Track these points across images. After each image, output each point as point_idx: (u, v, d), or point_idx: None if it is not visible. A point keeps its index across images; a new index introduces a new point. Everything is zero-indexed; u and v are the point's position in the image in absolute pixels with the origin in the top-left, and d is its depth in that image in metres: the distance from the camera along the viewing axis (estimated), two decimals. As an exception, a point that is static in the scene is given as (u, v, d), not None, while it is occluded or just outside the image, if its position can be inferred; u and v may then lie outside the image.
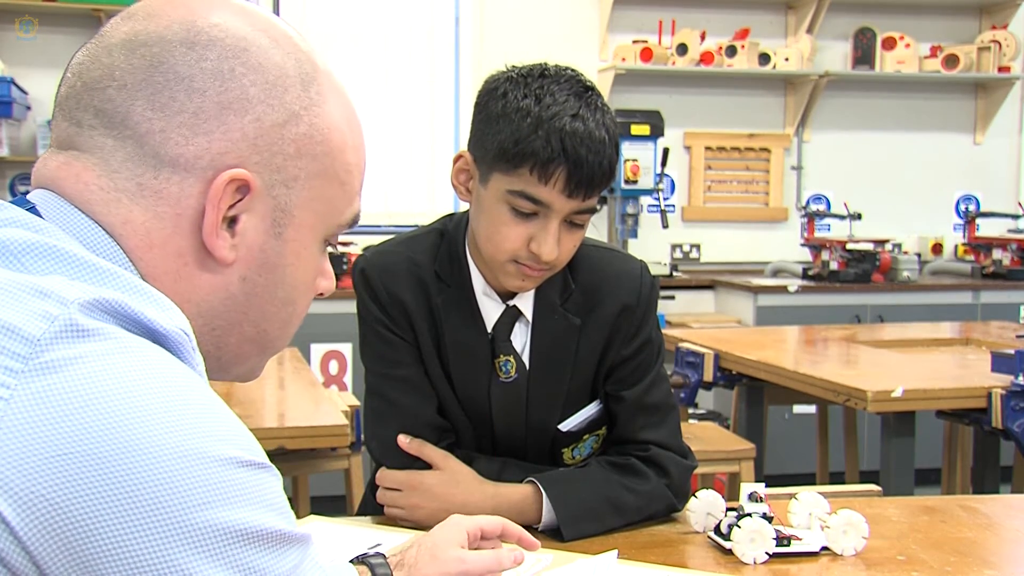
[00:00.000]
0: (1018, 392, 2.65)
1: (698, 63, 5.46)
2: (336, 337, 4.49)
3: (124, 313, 0.71)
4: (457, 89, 5.41)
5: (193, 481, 0.67)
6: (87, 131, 0.81)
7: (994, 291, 5.20)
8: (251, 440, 0.73)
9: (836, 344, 3.65)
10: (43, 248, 0.74)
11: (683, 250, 5.69)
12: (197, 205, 0.81)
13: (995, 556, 1.50)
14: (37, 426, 0.65)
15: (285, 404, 2.85)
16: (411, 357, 1.58)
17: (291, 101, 0.84)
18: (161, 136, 0.80)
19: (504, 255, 1.47)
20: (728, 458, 3.19)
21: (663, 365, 1.65)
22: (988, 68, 5.74)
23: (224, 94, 0.81)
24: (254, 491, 0.71)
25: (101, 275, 0.74)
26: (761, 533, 1.41)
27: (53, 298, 0.69)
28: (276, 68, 0.84)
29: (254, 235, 0.84)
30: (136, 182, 0.80)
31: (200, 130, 0.81)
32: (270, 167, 0.83)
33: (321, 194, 0.87)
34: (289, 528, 0.73)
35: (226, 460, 0.70)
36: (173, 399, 0.69)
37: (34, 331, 0.67)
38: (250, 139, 0.82)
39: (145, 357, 0.70)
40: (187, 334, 0.75)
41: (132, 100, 0.80)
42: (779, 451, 4.51)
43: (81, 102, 0.82)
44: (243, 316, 0.86)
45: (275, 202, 0.84)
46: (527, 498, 1.53)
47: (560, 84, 1.45)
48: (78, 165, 0.81)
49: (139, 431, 0.66)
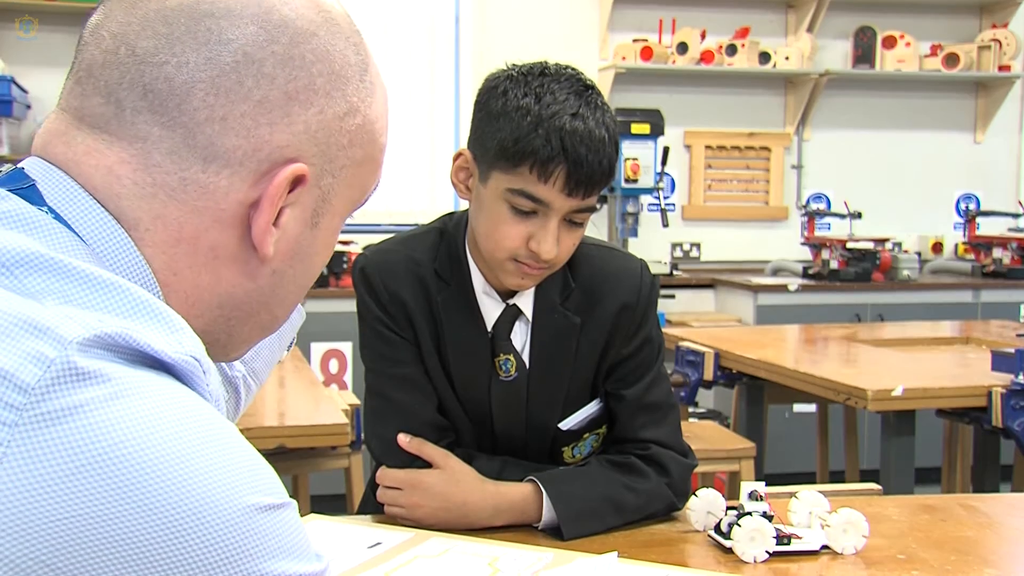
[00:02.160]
0: (1018, 391, 2.65)
1: (698, 62, 5.45)
2: (336, 336, 4.49)
3: (127, 346, 0.64)
4: (457, 88, 5.41)
5: (213, 538, 0.62)
6: (129, 115, 0.72)
7: (994, 290, 5.20)
8: (267, 474, 0.67)
9: (836, 343, 3.66)
10: (39, 261, 0.66)
11: (683, 249, 5.69)
12: (244, 200, 0.74)
13: (995, 555, 1.50)
14: (36, 486, 0.58)
15: (285, 403, 2.85)
16: (411, 356, 1.58)
17: (351, 92, 0.78)
18: (221, 125, 0.72)
19: (504, 253, 1.47)
20: (728, 457, 3.19)
21: (663, 364, 1.65)
22: (988, 67, 5.74)
23: (292, 83, 0.74)
24: (276, 538, 0.65)
25: (102, 292, 0.67)
26: (761, 532, 1.41)
27: (49, 336, 0.61)
28: (341, 56, 0.78)
29: (294, 227, 0.78)
30: (180, 176, 0.73)
31: (263, 120, 0.73)
32: (324, 158, 0.77)
33: (358, 180, 0.82)
34: (309, 569, 0.68)
35: (246, 509, 0.64)
36: (183, 448, 0.62)
37: (28, 378, 0.60)
38: (311, 132, 0.76)
39: (152, 401, 0.63)
40: (196, 359, 0.68)
41: (193, 81, 0.72)
42: (779, 450, 4.51)
43: (127, 76, 0.72)
44: (262, 307, 0.81)
45: (320, 192, 0.79)
46: (527, 497, 1.52)
47: (560, 83, 1.45)
48: (110, 155, 0.73)
49: (150, 488, 0.60)
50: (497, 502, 1.51)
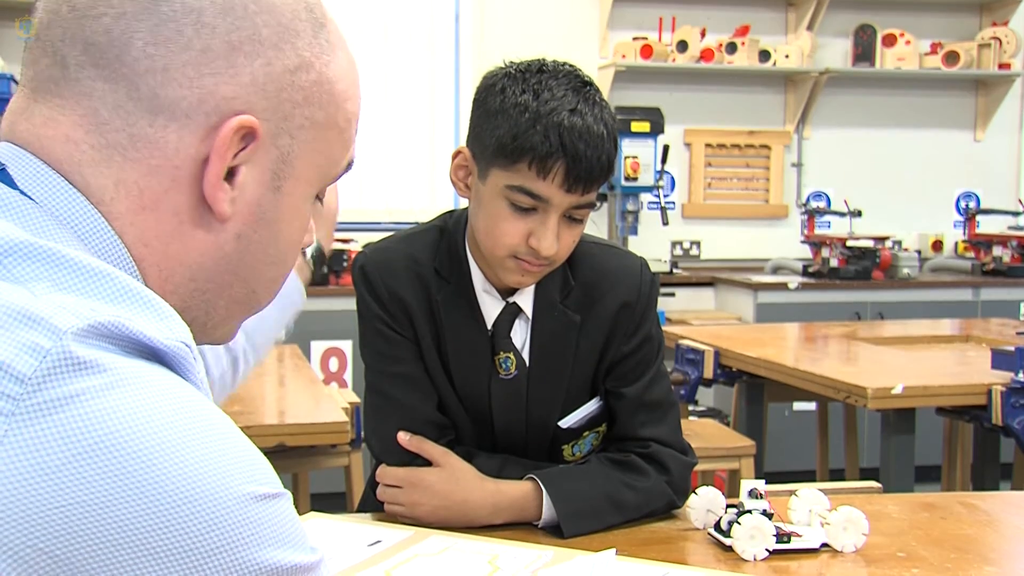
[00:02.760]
0: (1018, 389, 2.66)
1: (698, 60, 5.46)
2: (336, 334, 4.49)
3: (121, 334, 0.65)
4: (457, 85, 5.42)
5: (205, 526, 0.63)
6: (73, 71, 0.73)
7: (994, 288, 5.20)
8: (262, 464, 0.68)
9: (836, 341, 3.66)
10: (27, 249, 0.67)
11: (683, 247, 5.69)
12: (197, 155, 0.74)
13: (995, 553, 1.50)
14: (35, 475, 0.59)
15: (285, 401, 2.86)
16: (411, 354, 1.58)
17: (303, 47, 0.78)
18: (163, 76, 0.72)
19: (503, 250, 1.47)
20: (728, 455, 3.20)
21: (663, 362, 1.65)
22: (988, 65, 5.74)
23: (235, 32, 0.74)
24: (270, 527, 0.66)
25: (92, 280, 0.67)
26: (761, 530, 1.41)
27: (43, 327, 0.62)
28: (289, 10, 0.77)
29: (253, 188, 0.77)
30: (128, 132, 0.73)
31: (207, 70, 0.73)
32: (277, 115, 0.77)
33: (322, 146, 0.81)
34: (305, 559, 0.69)
35: (241, 498, 0.65)
36: (180, 438, 0.63)
37: (24, 368, 0.61)
38: (259, 84, 0.75)
39: (147, 391, 0.64)
40: (187, 346, 0.69)
41: (132, 32, 0.72)
42: (779, 448, 4.51)
43: (68, 32, 0.73)
44: (234, 277, 0.81)
45: (278, 152, 0.78)
46: (527, 495, 1.52)
47: (558, 79, 1.45)
48: (65, 122, 0.73)
49: (146, 475, 0.61)
50: (497, 500, 1.51)
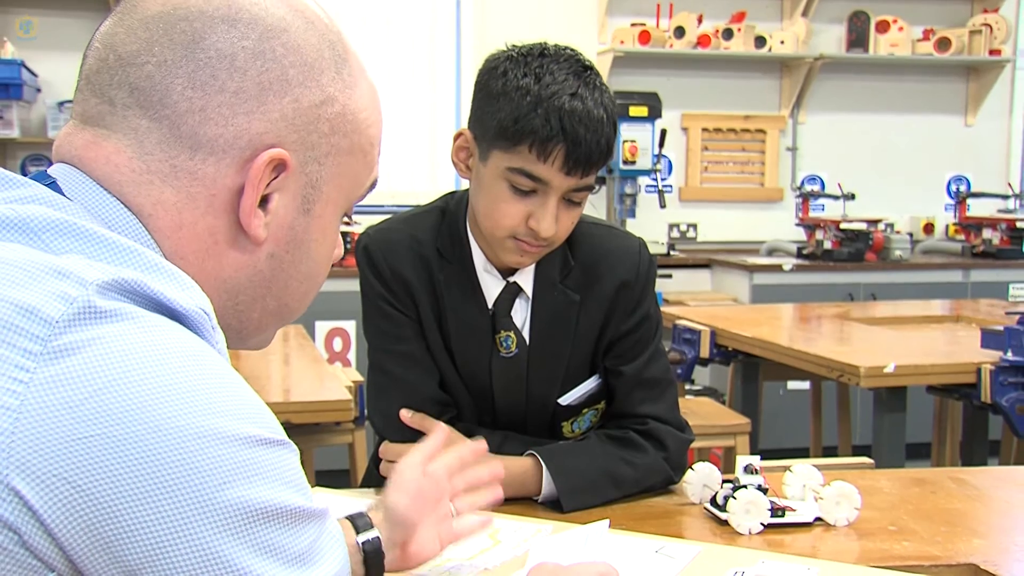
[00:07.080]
0: (1006, 367, 2.68)
1: (695, 46, 5.46)
2: (340, 315, 4.52)
3: (142, 293, 0.71)
4: (458, 69, 5.41)
5: (213, 461, 0.67)
6: (120, 111, 0.80)
7: (984, 270, 5.23)
8: (269, 416, 0.73)
9: (830, 321, 3.68)
10: (63, 226, 0.73)
11: (680, 229, 5.71)
12: (232, 185, 0.81)
13: (983, 526, 1.52)
14: (57, 409, 0.65)
15: (290, 380, 2.88)
16: (413, 332, 1.60)
17: (327, 83, 0.84)
18: (201, 116, 0.79)
19: (503, 231, 1.49)
20: (724, 432, 3.22)
21: (661, 340, 1.66)
22: (979, 51, 5.76)
23: (265, 74, 0.81)
24: (273, 469, 0.71)
25: (121, 253, 0.74)
26: (756, 504, 1.43)
27: (72, 279, 0.69)
28: (313, 50, 0.84)
29: (285, 212, 0.84)
30: (170, 164, 0.80)
31: (240, 110, 0.80)
32: (305, 145, 0.83)
33: (348, 170, 0.87)
34: (307, 504, 0.74)
35: (246, 439, 0.70)
36: (192, 379, 0.69)
37: (53, 312, 0.67)
38: (288, 119, 0.82)
39: (163, 337, 0.70)
40: (207, 313, 0.75)
41: (172, 78, 0.79)
42: (774, 426, 4.54)
43: (115, 78, 0.80)
44: (267, 291, 0.87)
45: (307, 179, 0.84)
46: (527, 470, 1.54)
47: (559, 63, 1.46)
48: (108, 146, 0.80)
49: (158, 412, 0.66)
50: (498, 475, 1.53)
